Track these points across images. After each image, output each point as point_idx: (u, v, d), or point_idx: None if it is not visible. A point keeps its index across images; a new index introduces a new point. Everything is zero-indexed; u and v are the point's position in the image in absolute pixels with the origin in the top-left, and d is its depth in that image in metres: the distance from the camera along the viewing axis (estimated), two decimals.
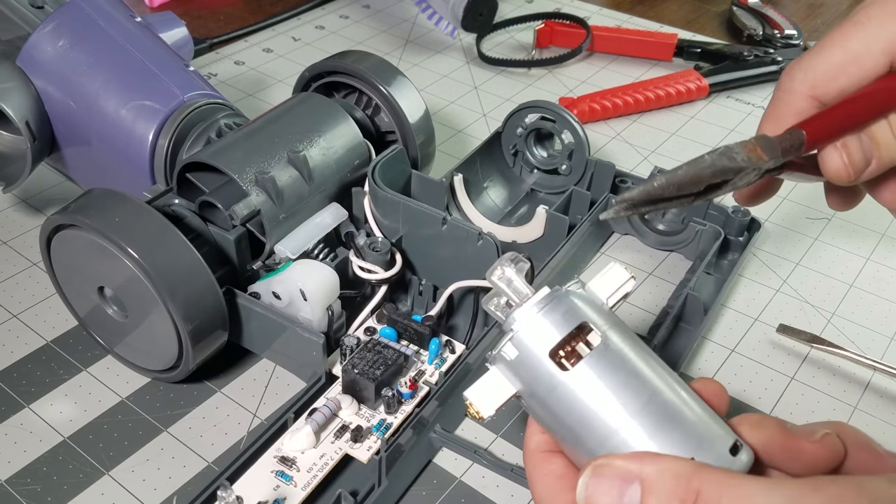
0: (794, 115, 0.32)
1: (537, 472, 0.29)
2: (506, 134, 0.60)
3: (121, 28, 0.52)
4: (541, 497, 0.28)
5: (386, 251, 0.47)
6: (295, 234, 0.47)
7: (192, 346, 0.42)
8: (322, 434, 0.41)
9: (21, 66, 0.51)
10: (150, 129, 0.49)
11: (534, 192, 0.61)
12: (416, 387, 0.43)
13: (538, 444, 0.29)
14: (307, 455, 0.40)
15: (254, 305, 0.44)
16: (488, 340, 0.45)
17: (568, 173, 0.59)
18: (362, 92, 0.55)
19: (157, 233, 0.41)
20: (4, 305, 0.50)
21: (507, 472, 0.42)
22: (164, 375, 0.45)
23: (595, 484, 0.25)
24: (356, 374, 0.42)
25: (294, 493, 0.38)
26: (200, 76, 0.54)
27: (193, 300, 0.41)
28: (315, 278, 0.44)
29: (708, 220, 0.56)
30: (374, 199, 0.50)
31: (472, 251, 0.47)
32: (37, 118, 0.50)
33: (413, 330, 0.45)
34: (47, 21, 0.51)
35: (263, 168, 0.46)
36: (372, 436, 0.41)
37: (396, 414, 0.42)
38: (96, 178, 0.53)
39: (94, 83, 0.50)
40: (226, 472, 0.38)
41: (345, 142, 0.50)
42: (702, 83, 0.76)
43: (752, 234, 0.57)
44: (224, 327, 0.43)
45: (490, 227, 0.55)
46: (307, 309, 0.44)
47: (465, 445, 0.43)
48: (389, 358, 0.43)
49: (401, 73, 0.55)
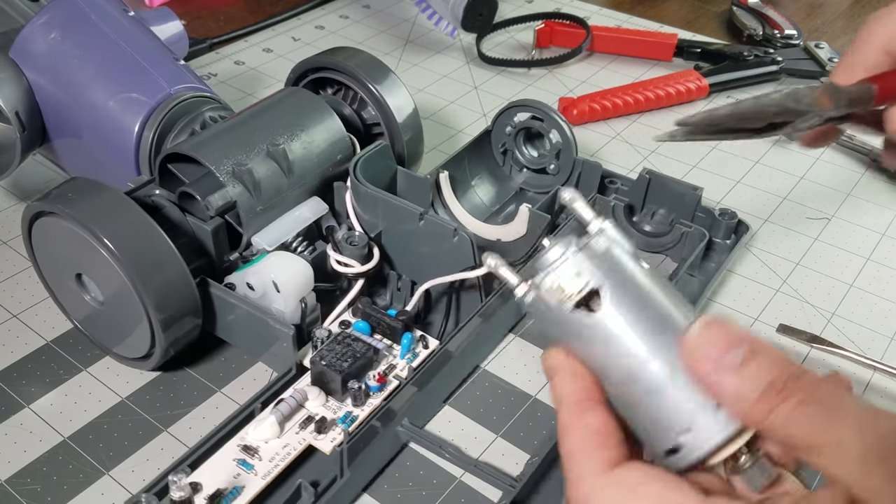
0: (866, 67, 0.32)
1: (573, 425, 0.27)
2: (495, 132, 0.60)
3: (112, 22, 0.53)
4: (571, 451, 0.27)
5: (363, 245, 0.48)
6: (273, 227, 0.48)
7: (162, 333, 0.42)
8: (287, 424, 0.41)
9: (13, 58, 0.52)
10: (135, 120, 0.50)
11: (523, 192, 0.61)
12: (385, 380, 0.43)
13: (573, 393, 0.27)
14: (271, 444, 0.40)
15: (227, 296, 0.45)
16: (464, 336, 0.45)
17: (556, 173, 0.59)
18: (350, 88, 0.55)
19: (132, 222, 0.42)
20: (4, 305, 0.51)
21: (470, 466, 0.42)
22: (141, 363, 0.46)
23: (706, 335, 0.25)
24: (323, 366, 0.42)
25: (254, 481, 0.38)
26: (190, 70, 0.54)
27: (165, 289, 0.42)
28: (288, 270, 0.44)
29: (695, 222, 0.56)
30: (356, 194, 0.50)
31: (448, 247, 0.47)
32: (27, 109, 0.51)
33: (386, 324, 0.46)
34: (40, 14, 0.52)
35: (241, 160, 0.46)
36: (337, 427, 0.41)
37: (363, 407, 0.42)
38: (85, 168, 0.54)
39: (83, 75, 0.51)
40: (187, 458, 0.39)
41: (327, 136, 0.51)
42: (702, 83, 0.76)
43: (740, 237, 0.56)
44: (196, 316, 0.44)
45: (474, 225, 0.55)
46: (280, 301, 0.44)
47: (431, 440, 0.43)
48: (358, 351, 0.43)
49: (390, 71, 0.56)
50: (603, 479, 0.26)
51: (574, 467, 0.27)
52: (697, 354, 0.25)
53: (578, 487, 0.26)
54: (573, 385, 0.28)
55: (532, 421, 0.45)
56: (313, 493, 0.38)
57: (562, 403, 0.28)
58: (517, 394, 0.47)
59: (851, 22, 0.95)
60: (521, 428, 0.45)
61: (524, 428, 0.45)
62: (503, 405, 0.46)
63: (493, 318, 0.48)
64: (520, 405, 0.46)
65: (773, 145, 0.70)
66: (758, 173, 0.67)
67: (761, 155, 0.68)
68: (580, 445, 0.27)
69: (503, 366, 0.49)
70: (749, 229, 0.57)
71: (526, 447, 0.44)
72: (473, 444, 0.44)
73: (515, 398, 0.47)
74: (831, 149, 0.70)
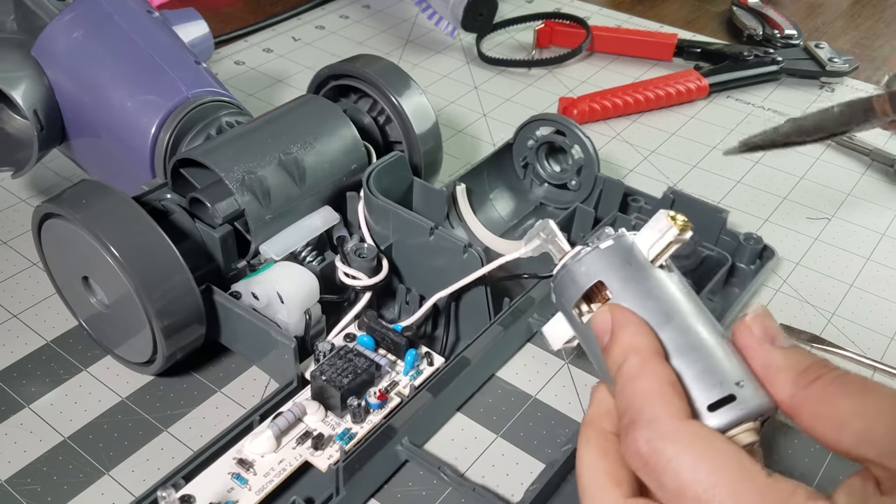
0: None
1: (646, 371, 0.28)
2: (517, 145, 0.59)
3: (134, 22, 0.53)
4: (646, 394, 0.27)
5: (372, 258, 0.47)
6: (282, 236, 0.47)
7: (164, 340, 0.42)
8: (284, 439, 0.40)
9: (35, 56, 0.52)
10: (152, 123, 0.50)
11: (543, 206, 0.60)
12: (386, 398, 0.43)
13: (648, 344, 0.29)
14: (266, 459, 0.39)
15: (231, 304, 0.44)
16: (473, 352, 0.45)
17: (577, 189, 0.58)
18: (369, 96, 0.55)
19: (136, 227, 0.41)
20: (4, 305, 0.51)
21: (468, 490, 0.41)
22: (144, 368, 0.45)
23: (763, 317, 0.29)
24: (323, 381, 0.41)
25: (247, 496, 0.38)
26: (211, 73, 0.54)
27: (169, 297, 0.41)
28: (293, 281, 0.44)
29: (719, 245, 0.54)
30: (368, 206, 0.50)
31: (458, 263, 0.46)
32: (46, 107, 0.51)
33: (390, 339, 0.45)
34: (64, 13, 0.52)
35: (252, 168, 0.46)
36: (334, 444, 0.41)
37: (363, 424, 0.42)
38: (103, 168, 0.54)
39: (103, 75, 0.51)
40: (182, 470, 0.38)
41: (342, 145, 0.50)
42: (702, 83, 0.75)
43: (764, 263, 0.55)
44: (200, 324, 0.43)
45: (489, 239, 0.54)
46: (284, 312, 0.44)
47: (430, 461, 0.42)
48: (360, 366, 0.42)
49: (410, 79, 0.55)
50: (681, 426, 0.26)
51: (648, 409, 0.27)
52: (755, 329, 0.28)
53: (651, 429, 0.26)
54: (647, 338, 0.29)
55: (545, 429, 0.45)
56: None
57: (633, 353, 0.28)
58: (524, 396, 0.46)
59: (851, 22, 0.94)
60: (534, 436, 0.44)
61: (538, 436, 0.44)
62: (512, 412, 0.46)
63: (506, 333, 0.47)
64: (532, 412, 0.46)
65: None
66: (758, 173, 0.66)
67: (761, 155, 0.68)
68: (657, 391, 0.27)
69: (515, 373, 0.48)
70: (775, 255, 0.55)
71: (539, 455, 0.43)
72: (473, 467, 0.43)
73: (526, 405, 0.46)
74: (831, 149, 0.70)
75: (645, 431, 0.26)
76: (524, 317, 0.49)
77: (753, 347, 0.28)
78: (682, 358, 0.28)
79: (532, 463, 0.43)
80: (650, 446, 0.26)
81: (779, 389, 0.27)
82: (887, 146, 0.69)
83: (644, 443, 0.26)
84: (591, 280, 0.31)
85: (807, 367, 0.27)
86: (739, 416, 0.27)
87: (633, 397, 0.27)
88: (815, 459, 0.43)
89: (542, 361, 0.49)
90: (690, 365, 0.28)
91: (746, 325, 0.28)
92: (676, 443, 0.26)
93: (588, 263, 0.31)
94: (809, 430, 0.26)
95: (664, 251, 0.31)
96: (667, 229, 0.31)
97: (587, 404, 0.43)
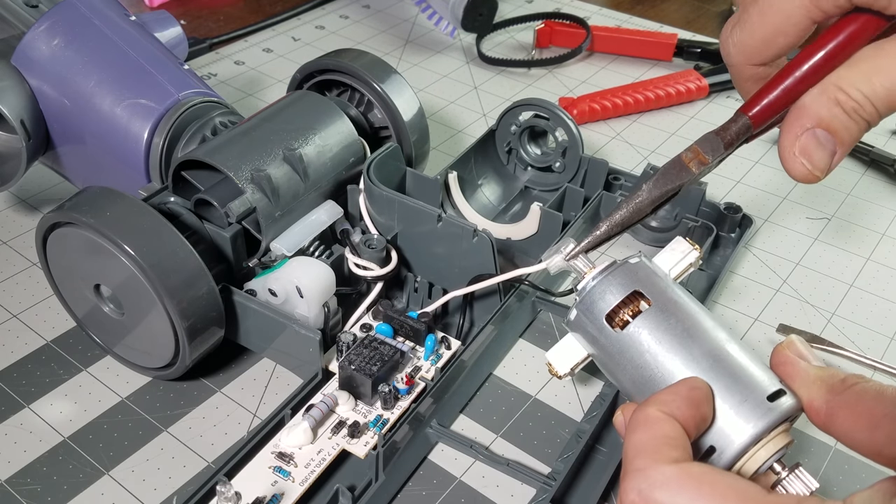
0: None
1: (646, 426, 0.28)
2: (500, 132, 0.60)
3: (115, 27, 0.52)
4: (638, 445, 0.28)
5: (381, 248, 0.48)
6: (290, 232, 0.47)
7: (188, 343, 0.42)
8: (319, 430, 0.41)
9: (16, 65, 0.51)
10: (144, 127, 0.50)
11: (528, 190, 0.61)
12: (413, 382, 0.44)
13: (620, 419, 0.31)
14: (304, 451, 0.40)
15: (250, 303, 0.44)
16: (483, 336, 0.46)
17: (562, 171, 0.59)
18: (356, 90, 0.55)
19: (154, 230, 0.41)
20: (4, 305, 0.50)
21: (503, 466, 0.42)
22: (161, 373, 0.45)
23: (798, 341, 0.31)
24: (353, 371, 0.42)
25: (292, 488, 0.38)
26: (195, 74, 0.54)
27: (190, 297, 0.41)
28: (311, 275, 0.44)
29: (700, 216, 0.56)
30: (370, 197, 0.50)
31: (466, 248, 0.47)
32: (31, 117, 0.50)
33: (409, 326, 0.46)
34: (42, 20, 0.51)
35: (259, 165, 0.46)
36: (369, 431, 0.41)
37: (393, 409, 0.42)
38: (91, 176, 0.53)
39: (88, 82, 0.50)
40: (224, 467, 0.38)
41: (340, 139, 0.51)
42: (702, 83, 0.76)
43: (744, 230, 0.57)
44: (220, 324, 0.43)
45: (485, 224, 0.55)
46: (303, 306, 0.44)
47: (462, 440, 0.43)
48: (386, 354, 0.43)
49: (395, 71, 0.56)
50: (668, 470, 0.26)
51: (638, 459, 0.27)
52: (791, 351, 0.31)
53: (641, 478, 0.26)
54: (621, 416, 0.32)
55: (545, 429, 0.46)
56: (350, 498, 0.38)
57: (640, 412, 0.29)
58: (524, 396, 0.47)
59: None
60: (534, 436, 0.45)
61: (537, 436, 0.45)
62: (512, 412, 0.47)
63: (510, 317, 0.48)
64: (535, 407, 0.47)
65: (773, 145, 0.71)
66: (758, 173, 0.67)
67: (761, 155, 0.69)
68: (648, 441, 0.27)
69: (515, 373, 0.49)
70: (753, 223, 0.58)
71: (539, 455, 0.44)
72: (505, 446, 0.44)
73: (526, 405, 0.47)
74: None
75: (636, 482, 0.26)
76: (529, 297, 0.50)
77: (792, 363, 0.30)
78: (723, 362, 0.30)
79: (532, 462, 0.43)
80: (642, 497, 0.26)
81: (816, 396, 0.29)
82: (887, 146, 0.70)
83: (636, 494, 0.26)
84: (627, 290, 0.32)
85: (844, 378, 0.29)
86: (793, 406, 0.30)
87: (627, 448, 0.28)
88: None
89: (542, 361, 0.49)
90: (730, 369, 0.30)
91: (783, 347, 0.31)
92: (668, 488, 0.26)
93: (622, 276, 0.32)
94: (843, 432, 0.28)
95: (683, 272, 0.34)
96: (688, 251, 0.34)
97: (587, 405, 0.45)
